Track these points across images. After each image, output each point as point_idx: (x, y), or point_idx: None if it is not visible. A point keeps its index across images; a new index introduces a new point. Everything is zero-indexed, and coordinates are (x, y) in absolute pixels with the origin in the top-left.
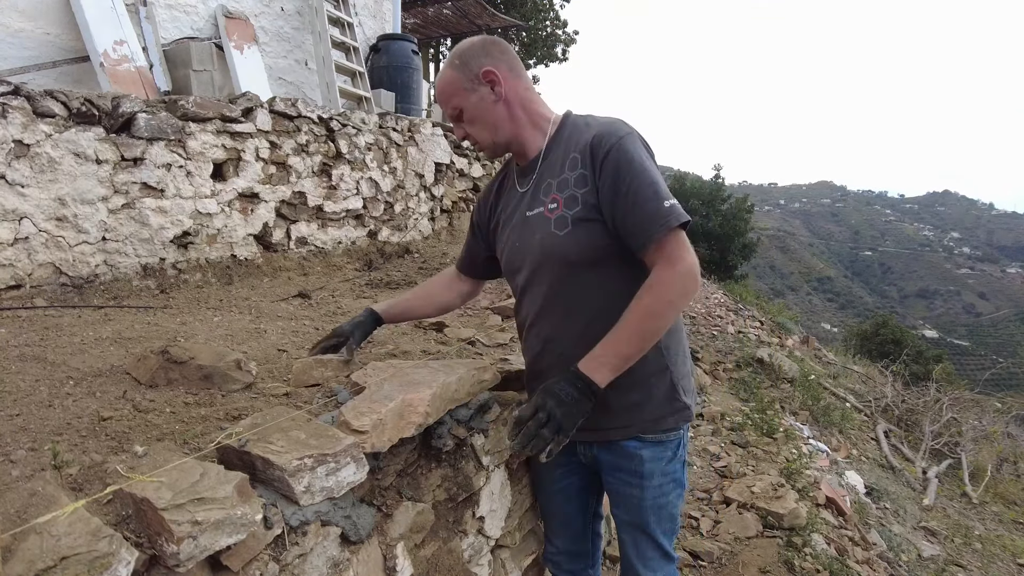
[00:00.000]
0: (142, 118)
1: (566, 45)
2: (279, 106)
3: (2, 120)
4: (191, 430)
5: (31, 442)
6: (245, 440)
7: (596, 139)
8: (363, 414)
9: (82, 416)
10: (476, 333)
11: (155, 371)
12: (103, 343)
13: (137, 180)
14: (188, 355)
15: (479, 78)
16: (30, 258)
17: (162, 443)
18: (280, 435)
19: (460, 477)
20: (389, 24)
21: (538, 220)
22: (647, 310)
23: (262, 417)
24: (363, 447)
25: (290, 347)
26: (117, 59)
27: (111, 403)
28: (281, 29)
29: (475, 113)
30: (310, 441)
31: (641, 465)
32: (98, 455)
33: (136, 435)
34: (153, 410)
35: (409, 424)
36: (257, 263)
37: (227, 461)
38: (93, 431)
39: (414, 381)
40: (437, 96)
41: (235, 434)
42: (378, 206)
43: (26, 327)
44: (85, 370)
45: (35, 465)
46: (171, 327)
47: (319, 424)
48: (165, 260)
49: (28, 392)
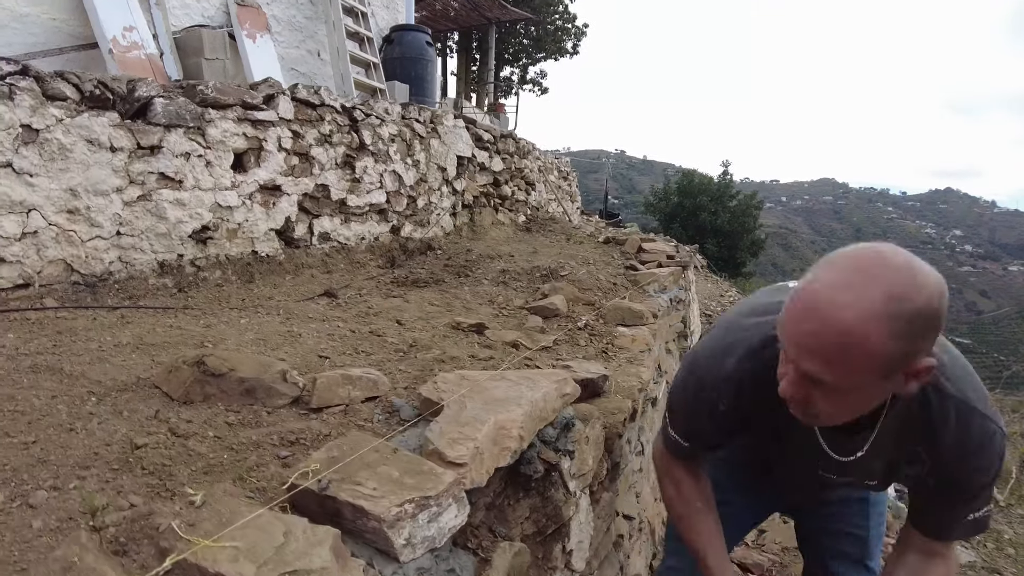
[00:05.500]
0: (159, 103)
1: (576, 39)
2: (301, 94)
3: (8, 102)
4: (243, 461)
5: (52, 478)
6: (327, 482)
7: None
8: (456, 442)
9: (111, 443)
10: (519, 336)
11: (189, 385)
12: (124, 350)
13: (154, 170)
14: (227, 366)
15: (909, 372)
16: (39, 254)
17: (221, 485)
18: (367, 472)
19: (549, 507)
20: (402, 15)
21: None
22: None
23: (338, 448)
24: (463, 483)
25: (331, 353)
26: (127, 46)
27: (142, 425)
28: (294, 18)
29: (850, 393)
30: (404, 479)
31: (869, 492)
32: (138, 497)
33: (179, 468)
34: (193, 434)
35: (504, 451)
36: (279, 260)
37: (303, 507)
38: (126, 463)
39: (497, 398)
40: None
41: (311, 472)
42: (401, 200)
43: (37, 331)
44: (108, 383)
45: (60, 512)
46: (195, 330)
47: (408, 456)
48: (183, 256)
49: (44, 412)
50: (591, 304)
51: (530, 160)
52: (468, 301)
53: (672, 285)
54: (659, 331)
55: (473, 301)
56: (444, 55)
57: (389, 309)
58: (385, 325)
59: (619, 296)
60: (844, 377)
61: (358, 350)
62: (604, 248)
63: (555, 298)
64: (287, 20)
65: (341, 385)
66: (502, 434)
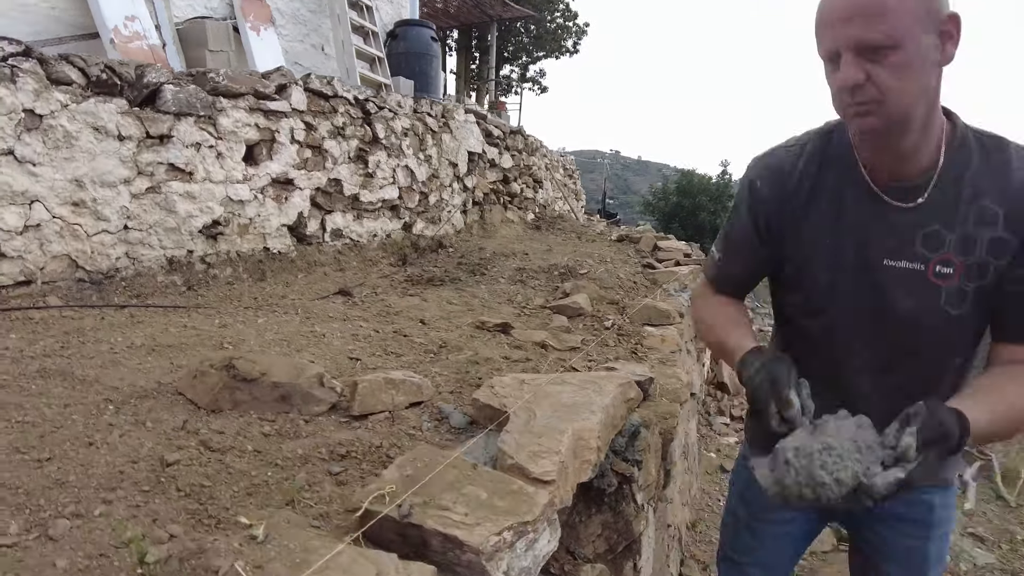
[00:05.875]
0: (169, 90)
1: (577, 37)
2: (314, 84)
3: (10, 85)
4: (292, 479)
5: (73, 503)
6: (409, 507)
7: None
8: (538, 455)
9: (137, 460)
10: (546, 337)
11: (218, 391)
12: (138, 352)
13: (163, 160)
14: (259, 370)
15: (940, 20)
16: (42, 249)
17: (280, 512)
18: (452, 494)
19: (620, 522)
20: (406, 10)
21: (912, 278)
22: None
23: (411, 464)
24: (554, 504)
25: (360, 354)
26: (129, 35)
27: (170, 438)
28: (297, 11)
29: (910, 59)
30: (495, 502)
31: (930, 514)
32: (177, 526)
33: (219, 489)
34: (230, 448)
35: (585, 464)
36: (291, 257)
37: (378, 537)
38: (158, 483)
39: (565, 404)
40: (849, 6)
41: (387, 495)
42: (413, 197)
43: (42, 331)
44: (125, 389)
45: (88, 546)
46: (211, 330)
47: (491, 473)
48: (193, 253)
49: (58, 423)
50: (615, 303)
51: (537, 157)
52: (487, 300)
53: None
54: (684, 331)
55: (492, 300)
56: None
57: (409, 308)
58: (408, 325)
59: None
60: (890, 28)
61: (387, 351)
62: (618, 246)
63: (578, 297)
64: (291, 13)
65: (384, 390)
66: (580, 445)
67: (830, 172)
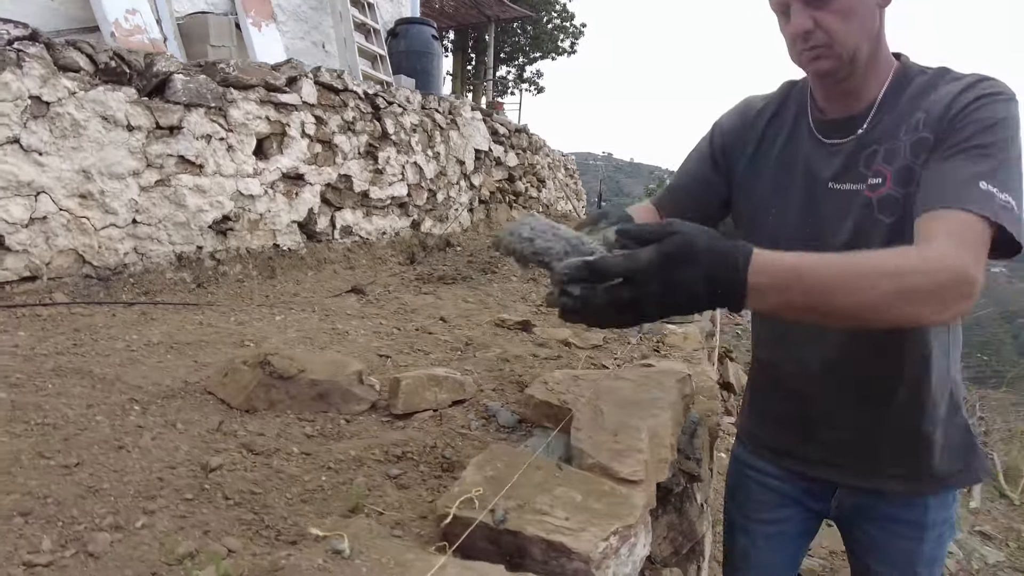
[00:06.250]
0: (179, 80)
1: (574, 38)
2: (324, 77)
3: (16, 70)
4: (349, 483)
5: (111, 514)
6: (504, 513)
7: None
8: (621, 454)
9: (174, 464)
10: (568, 335)
11: (252, 390)
12: (156, 349)
13: (173, 152)
14: (296, 367)
15: None
16: (48, 243)
17: (359, 521)
18: (545, 497)
19: (684, 524)
20: (406, 8)
21: (851, 199)
22: (896, 270)
23: (490, 465)
24: (649, 505)
25: (389, 351)
26: (130, 29)
27: (206, 441)
28: (298, 8)
29: (853, 4)
30: (590, 504)
31: (924, 515)
32: (234, 539)
33: (272, 496)
34: (275, 451)
35: (662, 464)
36: (301, 254)
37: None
38: (202, 491)
39: (630, 400)
40: None
41: (475, 498)
42: (422, 194)
43: (51, 328)
44: (150, 389)
45: (137, 565)
46: (229, 328)
47: (577, 473)
48: (203, 249)
49: (82, 424)
50: None
51: (541, 156)
52: (501, 298)
53: None
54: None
55: (506, 298)
56: None
57: (425, 306)
58: (429, 323)
59: None
60: None
61: (414, 348)
62: None
63: None
64: (292, 10)
65: (427, 387)
66: (656, 443)
67: (789, 112)
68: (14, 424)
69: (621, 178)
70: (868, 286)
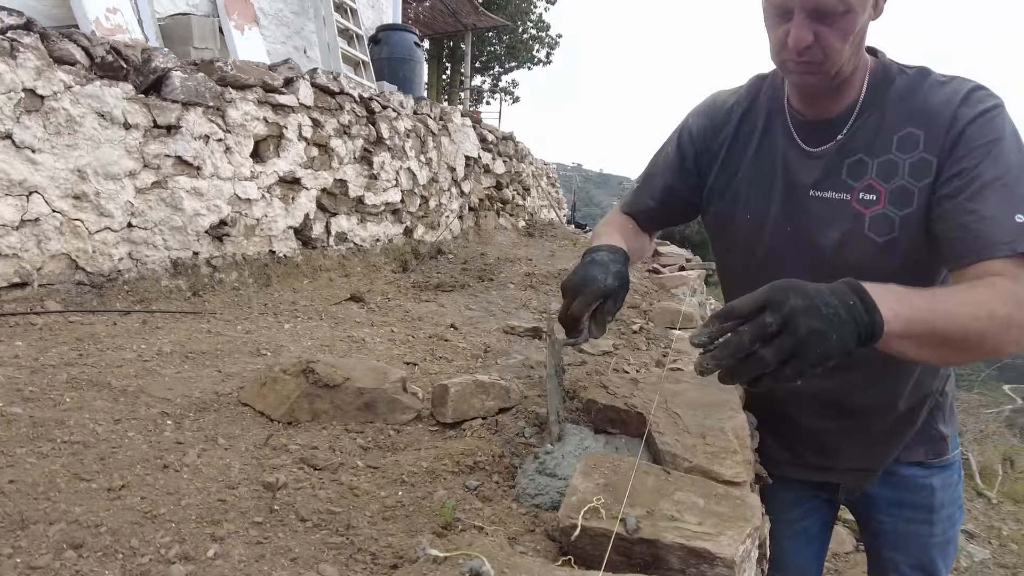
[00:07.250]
0: (177, 77)
1: (550, 48)
2: (321, 79)
3: (10, 60)
4: (430, 497)
5: (176, 542)
6: (637, 522)
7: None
8: (717, 456)
9: (233, 484)
10: None
11: (295, 400)
12: (170, 359)
13: (171, 153)
14: (341, 375)
15: None
16: (40, 247)
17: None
18: (669, 503)
19: None
20: (388, 15)
21: (836, 208)
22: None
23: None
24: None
25: (413, 359)
26: (110, 28)
27: (257, 456)
28: (280, 12)
29: (856, 22)
30: (714, 507)
31: (931, 496)
32: (330, 566)
33: (353, 515)
34: (339, 465)
35: (747, 464)
36: (296, 261)
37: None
38: (271, 512)
39: (698, 402)
40: None
41: (600, 508)
42: (414, 200)
43: (50, 338)
44: (178, 401)
45: None
46: (239, 336)
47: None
48: (199, 255)
49: (115, 442)
50: (635, 307)
51: (526, 164)
52: (503, 305)
53: (700, 288)
54: None
55: (508, 305)
56: None
57: (429, 314)
58: (440, 330)
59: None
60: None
61: (435, 355)
62: None
63: None
64: (274, 14)
65: (475, 394)
66: (740, 444)
67: (761, 110)
68: (39, 442)
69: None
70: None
